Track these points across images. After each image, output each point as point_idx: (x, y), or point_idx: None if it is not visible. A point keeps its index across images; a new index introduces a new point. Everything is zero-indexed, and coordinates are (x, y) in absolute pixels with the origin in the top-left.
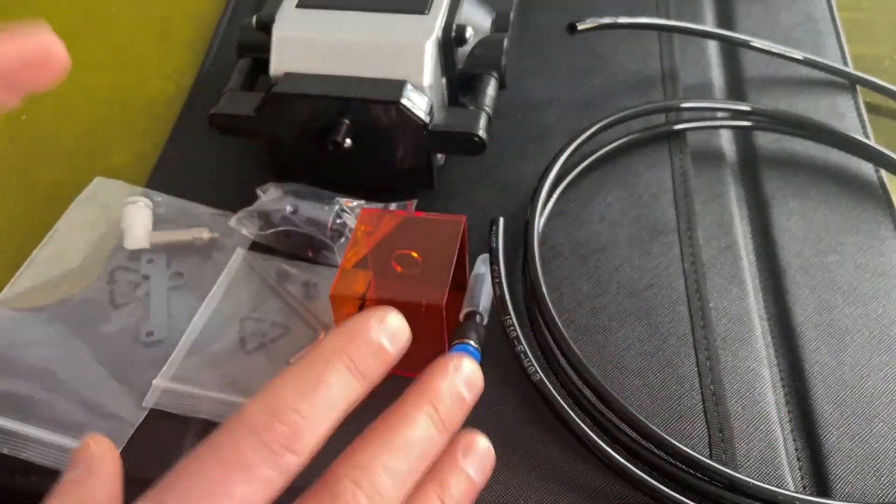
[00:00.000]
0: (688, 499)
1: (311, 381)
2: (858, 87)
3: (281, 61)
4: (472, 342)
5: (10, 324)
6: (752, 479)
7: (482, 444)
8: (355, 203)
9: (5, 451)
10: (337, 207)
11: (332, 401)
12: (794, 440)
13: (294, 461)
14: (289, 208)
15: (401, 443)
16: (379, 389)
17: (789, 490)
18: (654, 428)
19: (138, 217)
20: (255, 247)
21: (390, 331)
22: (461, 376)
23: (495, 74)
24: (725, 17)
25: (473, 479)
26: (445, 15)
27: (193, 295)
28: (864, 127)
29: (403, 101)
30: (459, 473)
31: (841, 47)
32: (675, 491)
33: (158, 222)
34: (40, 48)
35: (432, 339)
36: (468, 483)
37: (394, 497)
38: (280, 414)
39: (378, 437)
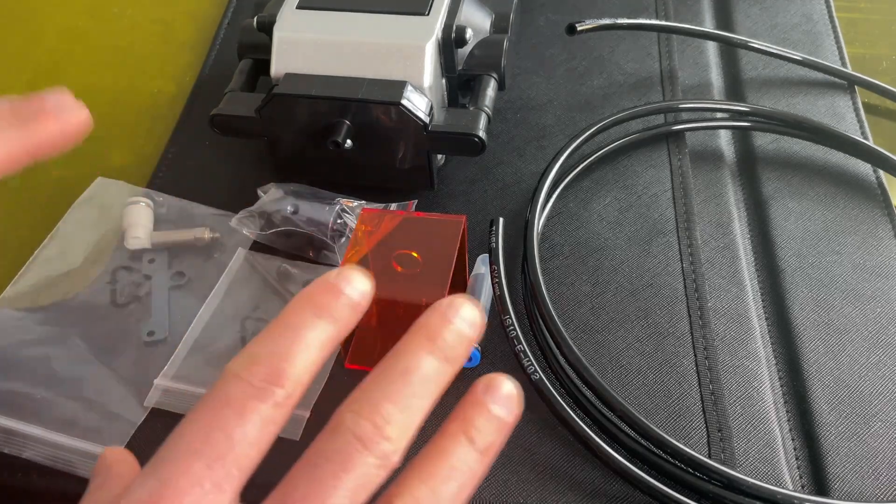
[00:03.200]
0: (686, 497)
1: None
2: (857, 88)
3: (282, 62)
4: None
5: (12, 323)
6: (751, 477)
7: (506, 384)
8: (356, 203)
9: (6, 451)
10: (337, 207)
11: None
12: (793, 439)
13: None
14: (290, 208)
15: (400, 376)
16: None
17: (787, 489)
18: (652, 427)
19: (140, 217)
20: (256, 247)
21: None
22: (457, 313)
23: (495, 75)
24: (724, 18)
25: (500, 416)
26: (445, 16)
27: (195, 295)
28: (862, 127)
29: (404, 101)
30: (484, 412)
31: (839, 48)
32: (673, 490)
33: (160, 222)
34: (60, 132)
35: None
36: (497, 421)
37: (403, 424)
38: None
39: (377, 378)
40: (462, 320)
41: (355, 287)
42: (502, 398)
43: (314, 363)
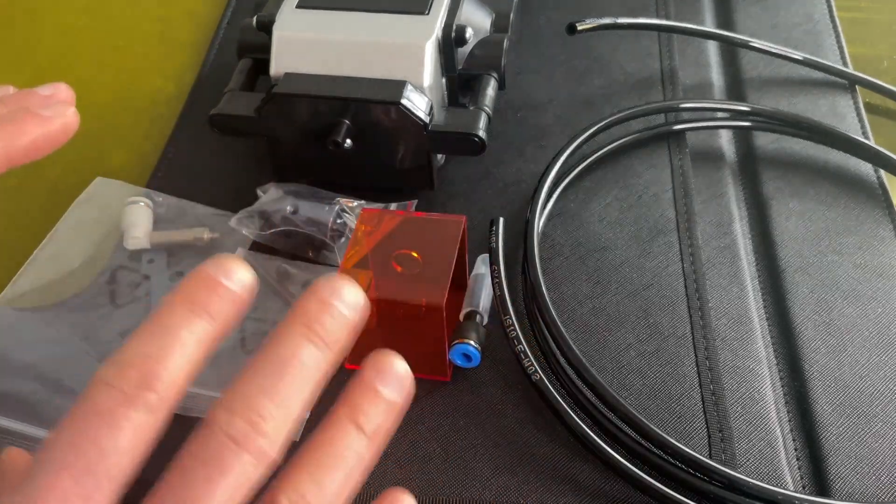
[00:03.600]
0: (687, 498)
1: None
2: (858, 88)
3: (281, 62)
4: (472, 342)
5: (11, 324)
6: (752, 478)
7: (397, 364)
8: (355, 203)
9: None
10: (337, 207)
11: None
12: (794, 440)
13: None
14: (289, 208)
15: (276, 367)
16: None
17: (788, 489)
18: (653, 428)
19: (139, 217)
20: (256, 247)
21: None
22: (339, 297)
23: (495, 75)
24: (725, 17)
25: (391, 399)
26: (445, 15)
27: None
28: (863, 127)
29: (404, 101)
30: (373, 395)
31: (840, 48)
32: (674, 490)
33: (159, 222)
34: (54, 132)
35: (432, 339)
36: (386, 404)
37: (280, 418)
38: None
39: (252, 371)
40: (344, 304)
41: (236, 280)
42: (393, 379)
43: (190, 363)
